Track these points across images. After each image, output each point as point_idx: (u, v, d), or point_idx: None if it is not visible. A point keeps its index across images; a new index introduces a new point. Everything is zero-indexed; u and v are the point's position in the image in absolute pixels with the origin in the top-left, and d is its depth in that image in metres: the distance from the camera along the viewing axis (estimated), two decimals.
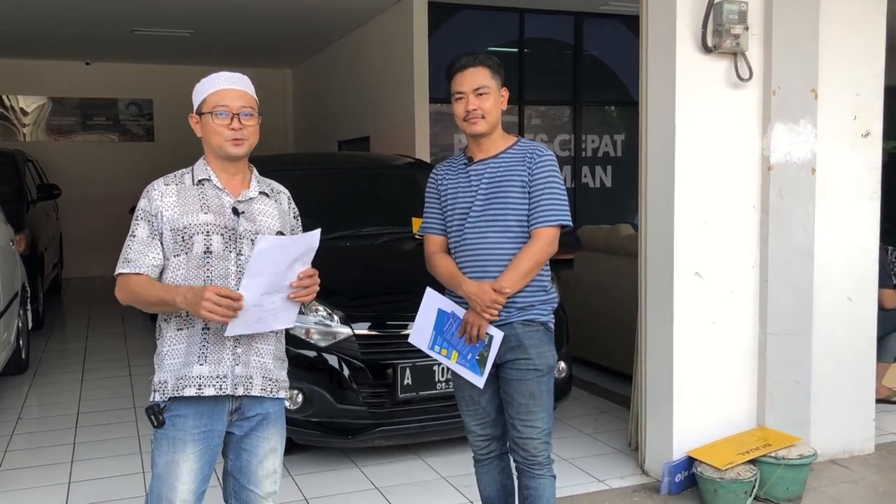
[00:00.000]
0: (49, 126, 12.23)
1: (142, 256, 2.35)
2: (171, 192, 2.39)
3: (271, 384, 2.45)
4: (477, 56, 2.79)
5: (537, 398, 2.76)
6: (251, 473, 2.47)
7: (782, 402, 4.06)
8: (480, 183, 2.80)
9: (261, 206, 2.45)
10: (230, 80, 2.42)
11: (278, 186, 2.57)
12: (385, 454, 4.36)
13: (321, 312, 4.10)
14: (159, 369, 2.39)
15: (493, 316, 2.69)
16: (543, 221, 2.73)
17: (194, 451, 2.36)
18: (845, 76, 4.11)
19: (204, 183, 2.42)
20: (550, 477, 2.83)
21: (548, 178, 2.75)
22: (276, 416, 2.49)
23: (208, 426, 2.37)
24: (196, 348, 2.36)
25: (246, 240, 2.39)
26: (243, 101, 2.40)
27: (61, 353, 7.14)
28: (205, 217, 2.36)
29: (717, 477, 3.64)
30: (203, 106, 2.40)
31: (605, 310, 5.86)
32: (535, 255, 2.71)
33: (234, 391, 2.37)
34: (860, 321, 4.29)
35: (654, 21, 3.95)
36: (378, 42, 9.05)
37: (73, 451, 4.54)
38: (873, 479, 4.05)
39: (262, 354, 2.43)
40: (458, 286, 2.78)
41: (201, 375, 2.34)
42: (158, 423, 2.35)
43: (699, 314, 3.94)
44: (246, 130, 2.39)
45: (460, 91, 2.76)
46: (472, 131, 2.79)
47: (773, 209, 3.98)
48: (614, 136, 9.63)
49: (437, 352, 2.85)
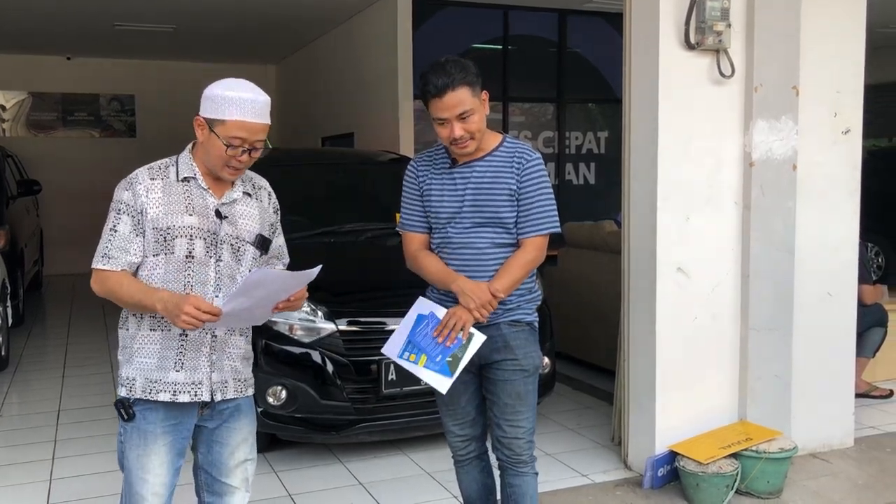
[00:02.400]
0: (29, 121, 12.10)
1: (122, 254, 2.29)
2: (156, 188, 2.31)
3: (242, 384, 2.46)
4: (451, 75, 2.55)
5: (523, 398, 2.76)
6: (222, 465, 2.45)
7: (763, 396, 4.09)
8: (467, 187, 2.71)
9: (243, 207, 2.41)
10: (256, 112, 2.24)
11: (260, 181, 2.51)
12: (369, 450, 4.36)
13: (305, 308, 4.09)
14: (127, 364, 2.35)
15: (483, 316, 2.64)
16: (535, 231, 2.70)
17: (165, 444, 2.34)
18: (826, 74, 4.14)
19: (189, 181, 2.35)
20: (533, 474, 2.84)
21: (537, 187, 2.69)
22: (247, 407, 2.48)
23: (178, 419, 2.36)
24: (172, 353, 2.32)
25: (226, 245, 2.35)
26: (260, 135, 2.27)
27: (42, 349, 7.08)
28: (189, 220, 2.31)
29: (699, 471, 3.67)
30: (218, 125, 2.24)
31: (588, 306, 5.88)
32: (527, 263, 2.69)
33: (209, 397, 2.36)
34: (840, 316, 4.33)
35: (638, 18, 3.97)
36: (362, 38, 9.03)
37: (54, 449, 4.50)
38: (852, 472, 4.09)
39: (233, 358, 2.42)
40: (450, 282, 2.68)
41: (177, 382, 2.32)
42: (129, 416, 2.32)
43: (681, 310, 3.96)
44: (249, 162, 2.31)
45: (441, 118, 2.60)
46: (462, 153, 2.67)
47: (754, 205, 4.01)
48: (598, 134, 9.66)
49: (405, 359, 2.72)
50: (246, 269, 2.39)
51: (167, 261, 2.30)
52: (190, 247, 2.30)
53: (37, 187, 9.14)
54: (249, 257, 2.41)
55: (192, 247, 2.30)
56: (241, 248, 2.39)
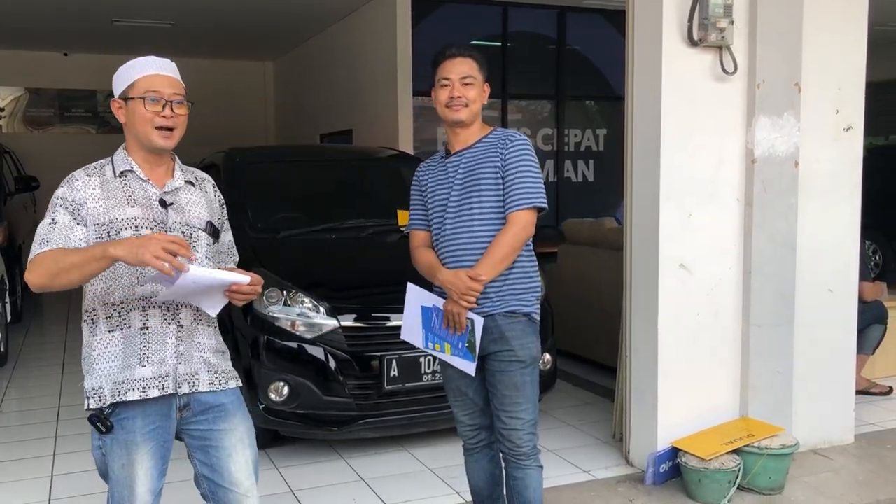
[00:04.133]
0: (27, 117, 12.09)
1: (62, 238, 2.18)
2: (94, 184, 2.25)
3: (218, 377, 2.37)
4: (465, 47, 2.85)
5: (521, 390, 2.77)
6: (223, 470, 2.35)
7: (765, 392, 4.10)
8: (457, 174, 2.81)
9: (187, 195, 2.36)
10: (161, 66, 2.29)
11: (202, 174, 2.49)
12: (371, 446, 4.36)
13: (307, 304, 4.09)
14: (90, 374, 2.26)
15: (470, 304, 2.69)
16: (518, 205, 2.72)
17: (147, 451, 2.26)
18: (828, 71, 4.15)
19: (127, 175, 2.29)
20: (537, 467, 2.84)
21: (520, 161, 2.74)
22: (235, 406, 2.38)
23: (157, 423, 2.27)
24: (136, 350, 2.24)
25: (177, 233, 2.28)
26: (175, 88, 2.28)
27: (41, 346, 7.07)
28: (132, 211, 2.24)
29: (701, 467, 3.68)
30: (130, 90, 2.25)
31: (588, 303, 5.89)
32: (510, 240, 2.70)
33: (177, 390, 2.28)
34: (841, 313, 4.34)
35: (641, 15, 3.96)
36: (361, 35, 9.02)
37: (55, 445, 4.50)
38: (853, 468, 4.11)
39: (203, 350, 2.34)
40: (434, 276, 2.80)
41: (144, 377, 2.23)
42: (106, 428, 2.23)
43: (683, 306, 3.96)
44: (177, 119, 2.28)
45: (447, 77, 2.78)
46: (454, 118, 2.79)
47: (756, 202, 4.01)
48: (596, 131, 9.67)
49: (431, 348, 2.86)
50: (202, 256, 2.33)
51: None
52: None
53: (35, 184, 9.10)
54: (203, 244, 2.35)
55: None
56: (194, 235, 2.33)
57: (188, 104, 2.32)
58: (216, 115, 12.16)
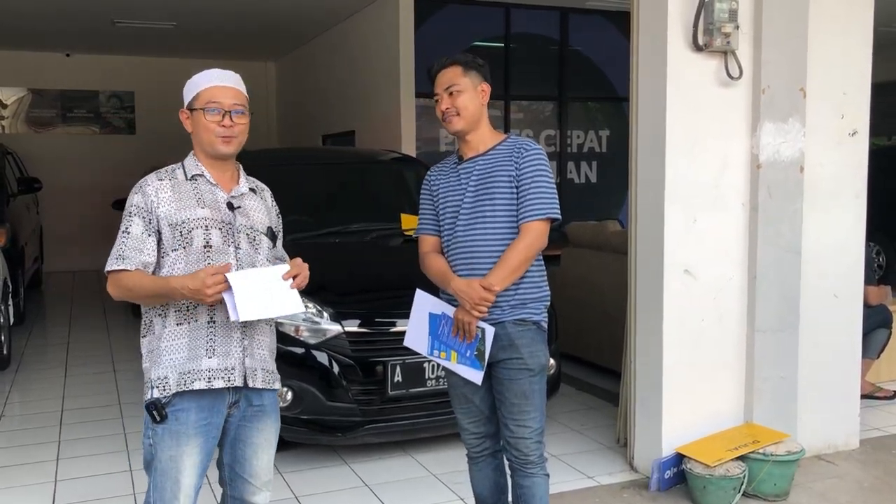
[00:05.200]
0: (29, 118, 12.07)
1: (136, 253, 2.35)
2: (165, 188, 2.40)
3: (270, 376, 2.52)
4: (450, 57, 2.81)
5: (529, 398, 2.76)
6: (246, 463, 2.51)
7: (769, 398, 4.09)
8: (469, 180, 2.80)
9: (251, 202, 2.50)
10: (223, 78, 2.45)
11: (261, 184, 2.63)
12: (375, 451, 4.35)
13: (311, 309, 4.08)
14: (156, 365, 2.38)
15: (482, 313, 2.69)
16: (532, 215, 2.71)
17: (196, 445, 2.38)
18: (833, 75, 4.14)
19: (197, 178, 2.44)
20: (543, 475, 2.84)
21: (536, 172, 2.73)
22: (272, 408, 2.54)
23: (208, 419, 2.39)
24: (202, 342, 2.37)
25: (243, 234, 2.44)
26: (235, 99, 2.43)
27: (43, 348, 7.07)
28: (202, 212, 2.39)
29: (706, 474, 3.67)
30: (195, 102, 2.42)
31: (592, 306, 5.88)
32: (523, 250, 2.70)
33: (243, 383, 2.40)
34: (846, 318, 4.33)
35: (646, 19, 3.95)
36: (364, 36, 9.00)
37: (58, 449, 4.49)
38: (858, 474, 4.10)
39: (262, 347, 2.50)
40: (447, 284, 2.79)
41: (210, 368, 2.36)
42: (161, 417, 2.35)
43: (688, 311, 3.95)
44: (236, 128, 2.42)
45: (436, 92, 2.81)
46: (450, 130, 2.82)
47: (762, 207, 4.00)
48: (599, 132, 9.64)
49: (437, 356, 2.86)
50: (263, 259, 2.47)
51: (186, 253, 2.36)
52: (207, 237, 2.37)
53: (37, 185, 9.11)
54: (265, 247, 2.49)
55: (208, 237, 2.37)
56: (257, 238, 2.47)
57: (249, 113, 2.46)
58: None
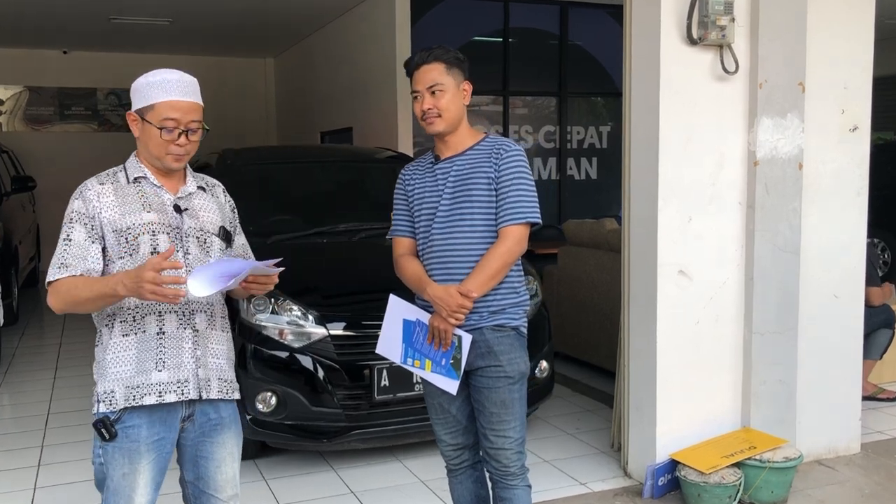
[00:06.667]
0: (26, 116, 12.01)
1: (80, 261, 2.21)
2: (107, 192, 2.26)
3: (227, 385, 2.38)
4: (432, 52, 2.65)
5: (509, 407, 2.65)
6: (209, 479, 2.38)
7: (767, 402, 3.97)
8: (447, 182, 2.68)
9: (200, 201, 2.38)
10: (182, 90, 2.24)
11: (212, 180, 2.51)
12: (362, 457, 4.25)
13: (295, 312, 3.98)
14: (102, 379, 2.27)
15: (458, 321, 2.58)
16: (511, 219, 2.61)
17: (149, 462, 2.26)
18: (833, 70, 4.01)
19: (140, 181, 2.31)
20: (525, 487, 2.73)
21: (515, 174, 2.62)
22: (231, 420, 2.40)
23: (161, 434, 2.28)
24: (151, 354, 2.24)
25: (192, 238, 2.31)
26: (193, 115, 2.25)
27: (36, 349, 6.99)
28: (148, 216, 2.26)
29: (700, 481, 3.56)
30: (148, 113, 2.23)
31: (589, 305, 5.77)
32: (502, 255, 2.59)
33: (197, 395, 2.28)
34: (846, 319, 4.21)
35: (638, 11, 3.84)
36: (361, 31, 8.90)
37: (40, 455, 4.40)
38: (859, 480, 3.98)
39: (218, 355, 2.36)
40: (422, 290, 2.67)
41: (161, 382, 2.24)
42: (110, 435, 2.23)
43: (683, 313, 3.84)
44: (190, 146, 2.28)
45: (416, 90, 2.66)
46: (430, 131, 2.69)
47: (759, 205, 3.88)
48: (600, 128, 9.51)
49: (410, 364, 2.74)
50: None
51: (133, 261, 2.23)
52: (154, 242, 2.25)
53: (31, 183, 9.03)
54: (216, 249, 2.37)
55: (156, 242, 2.25)
56: (208, 241, 2.35)
57: (203, 130, 2.30)
58: (216, 112, 12.02)
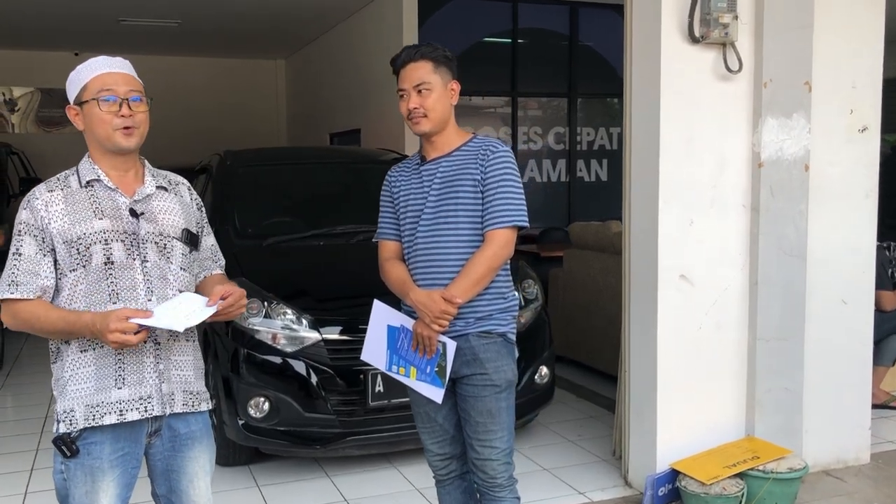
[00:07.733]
0: (39, 118, 12.06)
1: (32, 277, 2.10)
2: (56, 200, 2.13)
3: (193, 398, 2.25)
4: (419, 49, 2.59)
5: (496, 416, 2.57)
6: (183, 494, 2.28)
7: (772, 410, 3.87)
8: (432, 183, 2.61)
9: (160, 202, 2.24)
10: (111, 64, 2.19)
11: (176, 177, 2.37)
12: (358, 463, 4.18)
13: (289, 316, 3.92)
14: (62, 397, 2.15)
15: (442, 327, 2.51)
16: (498, 223, 2.53)
17: (113, 478, 2.15)
18: (841, 68, 3.88)
19: (93, 184, 2.18)
20: (513, 499, 2.65)
21: (502, 176, 2.54)
22: (202, 433, 2.29)
23: (126, 449, 2.17)
24: (110, 371, 2.13)
25: (150, 244, 2.17)
26: (130, 86, 2.18)
27: (39, 351, 6.96)
28: (100, 223, 2.13)
29: (701, 492, 3.46)
30: (84, 93, 2.15)
31: (594, 309, 5.67)
32: (487, 259, 2.51)
33: (161, 411, 2.17)
34: (855, 325, 4.08)
35: (639, 9, 3.75)
36: (369, 33, 8.85)
37: (34, 459, 4.36)
38: (868, 492, 3.85)
39: (182, 367, 2.24)
40: (406, 294, 2.60)
41: (122, 400, 2.12)
42: (71, 453, 2.12)
43: (685, 319, 3.74)
44: (136, 117, 2.17)
45: (402, 88, 2.59)
46: (416, 131, 2.61)
47: (763, 208, 3.78)
48: (610, 129, 9.41)
49: (395, 372, 2.66)
50: (177, 268, 2.22)
51: (86, 273, 2.11)
52: (107, 252, 2.12)
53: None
54: (178, 254, 2.24)
55: (109, 252, 2.12)
56: (168, 245, 2.22)
57: (147, 101, 2.22)
58: (227, 115, 12.05)
